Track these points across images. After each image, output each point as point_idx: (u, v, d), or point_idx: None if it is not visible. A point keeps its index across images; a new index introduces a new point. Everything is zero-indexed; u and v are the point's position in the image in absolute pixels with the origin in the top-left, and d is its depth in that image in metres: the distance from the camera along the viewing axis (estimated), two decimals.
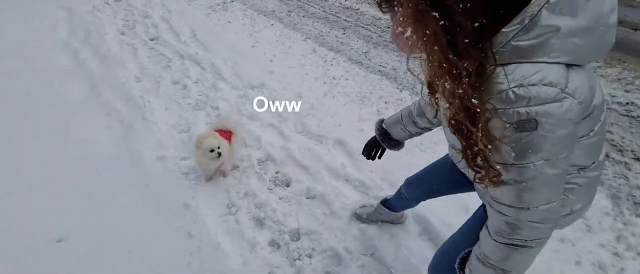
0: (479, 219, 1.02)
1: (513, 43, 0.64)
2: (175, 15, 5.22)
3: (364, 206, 2.02)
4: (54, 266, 1.73)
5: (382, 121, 1.37)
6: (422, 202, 1.97)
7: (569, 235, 1.95)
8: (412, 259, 1.75)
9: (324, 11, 6.04)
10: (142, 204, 2.07)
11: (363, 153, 1.45)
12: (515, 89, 0.64)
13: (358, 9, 6.23)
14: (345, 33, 5.05)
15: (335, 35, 4.92)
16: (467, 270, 0.94)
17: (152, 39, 4.41)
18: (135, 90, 3.20)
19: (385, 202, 1.85)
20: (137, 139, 2.59)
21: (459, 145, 0.78)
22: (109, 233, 1.89)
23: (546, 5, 0.61)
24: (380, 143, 1.38)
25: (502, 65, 0.65)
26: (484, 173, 0.76)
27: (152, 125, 2.74)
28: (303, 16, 5.71)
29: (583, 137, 0.79)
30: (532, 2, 0.62)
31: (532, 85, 0.63)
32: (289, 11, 5.92)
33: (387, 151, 1.42)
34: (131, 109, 2.94)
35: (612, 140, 2.81)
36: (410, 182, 1.57)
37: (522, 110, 0.64)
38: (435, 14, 0.62)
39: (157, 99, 3.10)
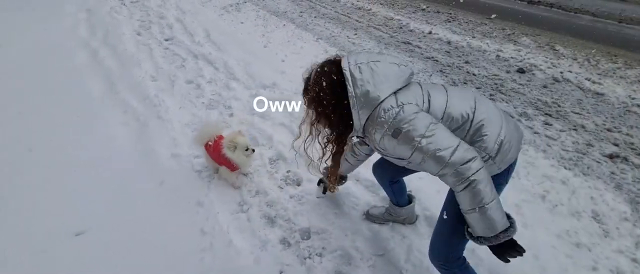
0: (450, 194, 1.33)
1: (360, 112, 1.22)
2: (190, 16, 5.32)
3: (375, 207, 2.02)
4: (73, 258, 1.78)
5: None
6: (434, 205, 1.96)
7: (585, 240, 1.91)
8: (424, 261, 1.74)
9: (335, 12, 6.05)
10: (157, 200, 2.12)
11: (318, 185, 2.08)
12: (377, 125, 1.20)
13: (370, 9, 6.22)
14: (357, 33, 5.04)
15: (347, 36, 4.92)
16: (470, 230, 1.21)
17: (167, 40, 4.51)
18: (151, 89, 3.28)
19: (391, 201, 1.88)
20: (152, 136, 2.65)
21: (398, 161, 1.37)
22: (124, 228, 1.94)
23: (354, 87, 1.20)
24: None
25: (366, 119, 1.23)
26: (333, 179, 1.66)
27: (167, 123, 2.80)
28: (315, 17, 5.74)
29: (446, 109, 1.22)
30: (348, 92, 1.21)
31: (381, 117, 1.19)
32: (301, 12, 5.96)
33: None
34: (147, 107, 3.01)
35: (632, 144, 2.73)
36: (375, 168, 1.81)
37: (388, 129, 1.18)
38: (322, 121, 1.35)
39: (171, 98, 3.16)
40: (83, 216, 2.00)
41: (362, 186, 2.22)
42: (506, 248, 1.16)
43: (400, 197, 1.83)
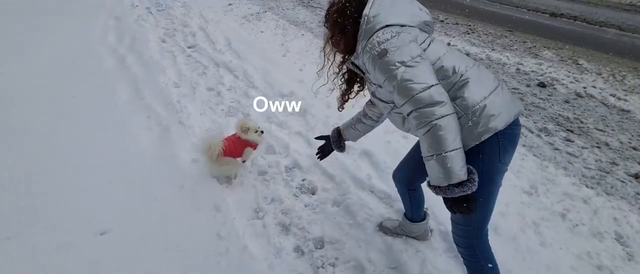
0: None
1: (365, 33, 1.25)
2: (212, 24, 5.50)
3: (389, 219, 2.02)
4: (98, 256, 1.86)
5: (338, 128, 1.86)
6: (447, 218, 1.94)
7: (606, 263, 1.85)
8: None
9: None
10: (177, 204, 2.19)
11: (317, 153, 1.97)
12: (369, 44, 1.22)
13: None
14: None
15: None
16: (427, 180, 1.21)
17: (190, 47, 4.67)
18: (174, 95, 3.40)
19: (405, 214, 1.87)
20: (173, 141, 2.75)
21: (401, 125, 1.45)
22: (146, 229, 2.01)
23: (371, 8, 1.25)
24: (332, 147, 1.87)
25: (367, 41, 1.24)
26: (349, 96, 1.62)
27: (188, 129, 2.90)
28: None
29: (441, 57, 1.22)
30: (364, 11, 1.26)
31: (378, 36, 1.20)
32: (320, 21, 6.05)
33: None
34: (169, 113, 3.13)
35: None
36: (395, 172, 1.78)
37: (377, 48, 1.19)
38: (336, 35, 1.39)
39: (193, 104, 3.27)
40: (106, 216, 2.09)
41: (376, 197, 2.23)
42: (458, 203, 1.16)
43: (416, 211, 1.82)
